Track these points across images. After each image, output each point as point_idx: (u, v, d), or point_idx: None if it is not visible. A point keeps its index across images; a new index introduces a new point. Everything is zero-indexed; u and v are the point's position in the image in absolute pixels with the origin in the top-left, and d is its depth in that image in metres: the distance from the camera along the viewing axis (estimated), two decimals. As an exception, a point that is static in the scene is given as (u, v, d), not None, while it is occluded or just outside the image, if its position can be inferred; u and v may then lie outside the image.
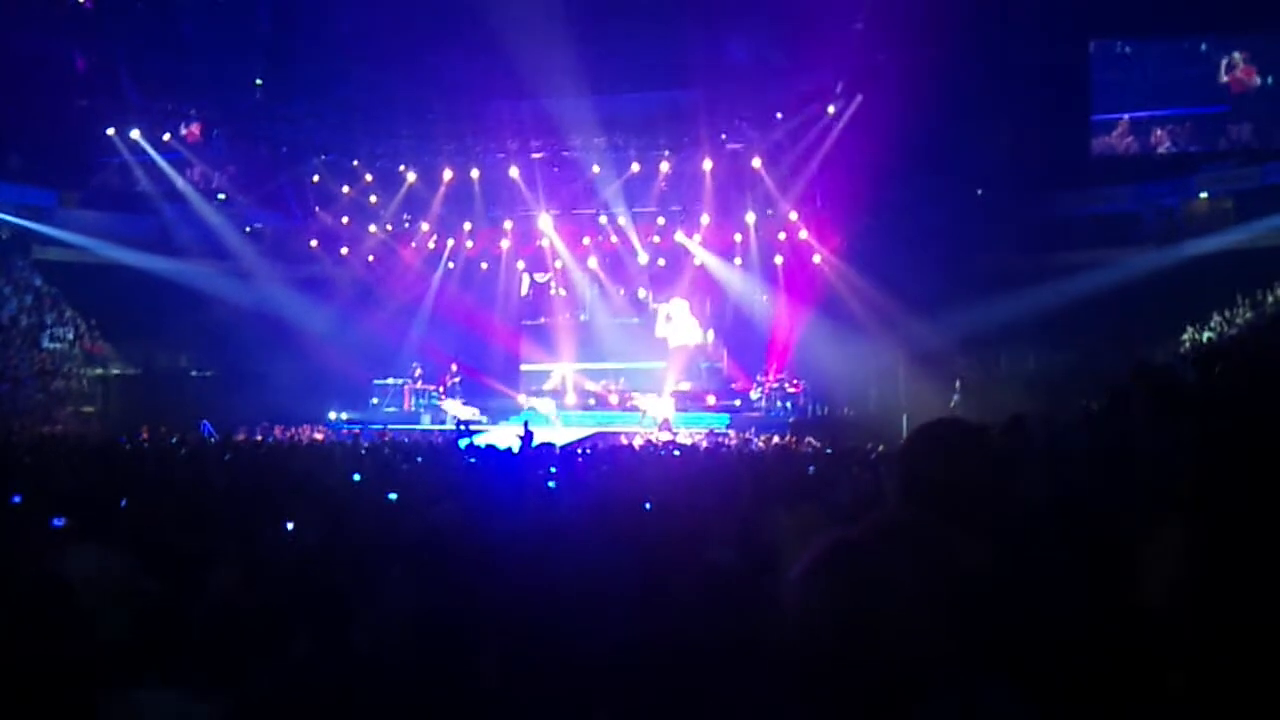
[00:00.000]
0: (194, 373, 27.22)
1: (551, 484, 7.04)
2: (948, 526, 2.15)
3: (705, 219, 27.44)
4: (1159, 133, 28.40)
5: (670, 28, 24.39)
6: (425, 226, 29.20)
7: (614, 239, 28.54)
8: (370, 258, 29.70)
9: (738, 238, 27.91)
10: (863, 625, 1.72)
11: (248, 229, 29.54)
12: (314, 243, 29.37)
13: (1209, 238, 25.12)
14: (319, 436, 21.37)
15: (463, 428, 19.65)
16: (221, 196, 28.86)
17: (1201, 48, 28.10)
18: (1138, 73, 28.54)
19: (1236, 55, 27.67)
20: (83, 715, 2.68)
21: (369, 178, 28.28)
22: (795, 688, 1.78)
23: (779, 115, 25.17)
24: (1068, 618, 2.15)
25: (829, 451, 14.02)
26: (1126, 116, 28.63)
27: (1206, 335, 22.89)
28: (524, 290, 30.12)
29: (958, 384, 22.87)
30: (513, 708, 2.81)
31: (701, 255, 28.07)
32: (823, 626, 1.75)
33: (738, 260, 28.21)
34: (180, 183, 28.11)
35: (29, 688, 2.77)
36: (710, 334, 28.32)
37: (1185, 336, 23.18)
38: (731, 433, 22.09)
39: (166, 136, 27.87)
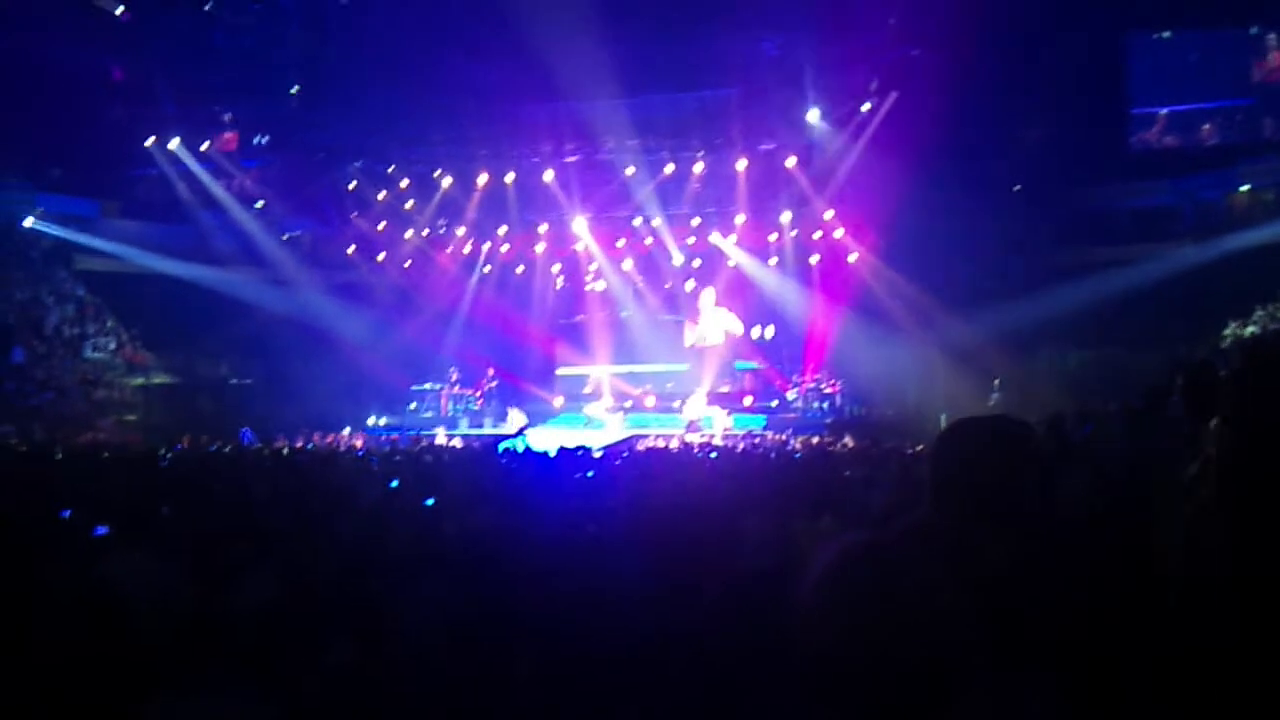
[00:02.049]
0: (234, 380, 27.45)
1: (586, 483, 7.04)
2: (978, 527, 2.13)
3: (740, 219, 27.39)
4: (1206, 127, 28.06)
5: (703, 28, 24.36)
6: (461, 231, 29.30)
7: (649, 241, 28.54)
8: (407, 263, 29.83)
9: (773, 238, 27.84)
10: (882, 628, 1.71)
11: (285, 236, 29.77)
12: (351, 249, 29.60)
13: (1250, 231, 24.77)
14: (358, 443, 21.50)
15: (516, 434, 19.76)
16: (259, 204, 29.07)
17: (1251, 32, 27.71)
18: (1176, 65, 28.20)
19: (1272, 38, 27.30)
20: (124, 722, 2.71)
21: (405, 183, 28.38)
22: (821, 693, 1.78)
23: (813, 114, 25.02)
24: (1103, 617, 2.13)
25: (869, 451, 13.96)
26: (1165, 110, 28.32)
27: (1249, 330, 22.60)
28: (559, 283, 30.15)
29: (997, 382, 22.69)
30: (548, 711, 2.81)
31: (737, 256, 28.02)
32: (841, 630, 1.74)
33: (773, 260, 28.13)
34: (218, 191, 28.33)
35: (71, 695, 2.80)
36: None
37: (1227, 332, 22.89)
38: (769, 434, 22.02)
39: (205, 146, 28.10)
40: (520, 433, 23.16)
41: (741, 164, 26.11)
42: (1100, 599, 2.18)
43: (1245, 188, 26.56)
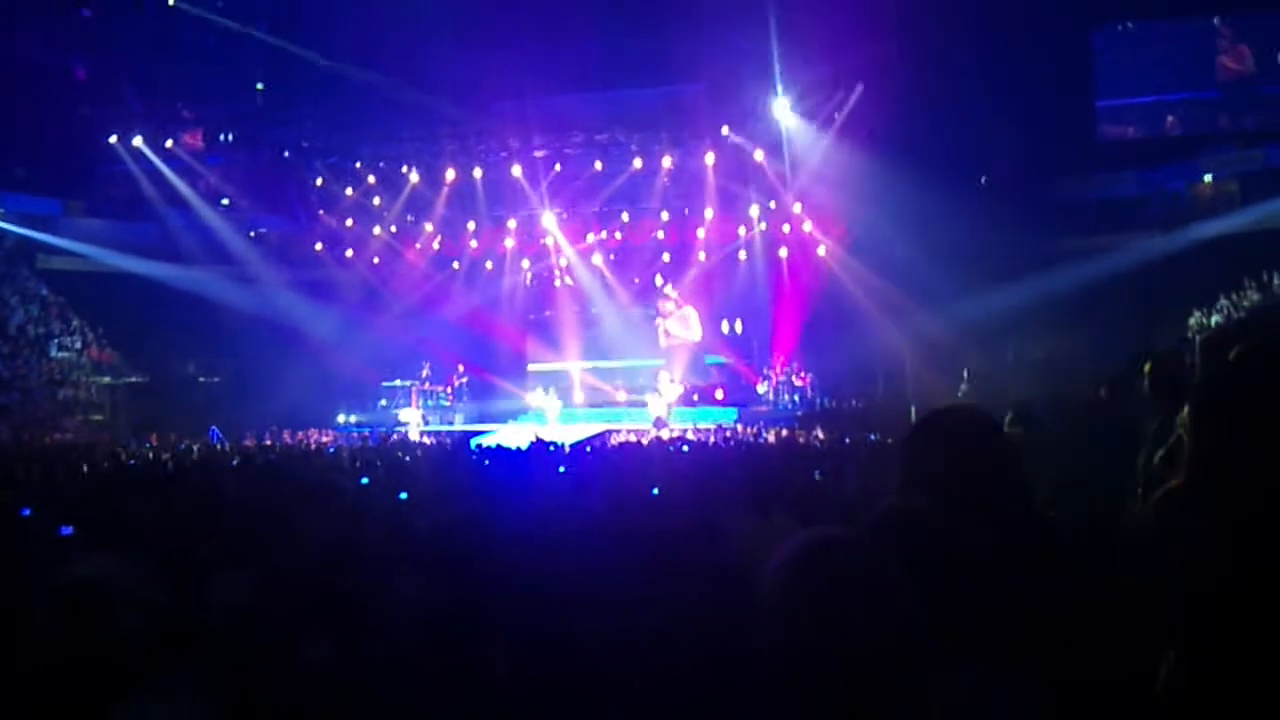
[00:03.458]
0: (201, 379, 27.26)
1: (557, 479, 7.04)
2: (949, 517, 2.15)
3: (709, 213, 27.37)
4: (1170, 119, 28.34)
5: (670, 22, 24.33)
6: (429, 227, 29.16)
7: (617, 235, 28.51)
8: (375, 260, 29.65)
9: (741, 231, 27.86)
10: (851, 621, 1.72)
11: (252, 234, 29.56)
12: (318, 246, 29.40)
13: (1214, 221, 25.03)
14: (326, 440, 21.38)
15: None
16: (225, 202, 28.83)
17: (1213, 22, 27.98)
18: (1141, 58, 28.45)
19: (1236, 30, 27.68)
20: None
21: (372, 179, 28.16)
22: (792, 687, 1.79)
23: (780, 108, 25.01)
24: (1071, 605, 2.15)
25: (844, 442, 14.03)
26: (1130, 102, 28.56)
27: (1214, 319, 22.83)
28: (528, 279, 30.03)
29: (965, 373, 22.82)
30: (521, 704, 2.81)
31: (705, 250, 28.05)
32: (811, 623, 1.75)
33: (742, 254, 28.16)
34: (184, 189, 28.03)
35: (45, 695, 2.78)
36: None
37: (1192, 321, 23.12)
38: (740, 427, 22.06)
39: (169, 143, 27.76)
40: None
41: (710, 158, 26.06)
42: (1071, 588, 2.20)
43: (1208, 178, 26.82)
